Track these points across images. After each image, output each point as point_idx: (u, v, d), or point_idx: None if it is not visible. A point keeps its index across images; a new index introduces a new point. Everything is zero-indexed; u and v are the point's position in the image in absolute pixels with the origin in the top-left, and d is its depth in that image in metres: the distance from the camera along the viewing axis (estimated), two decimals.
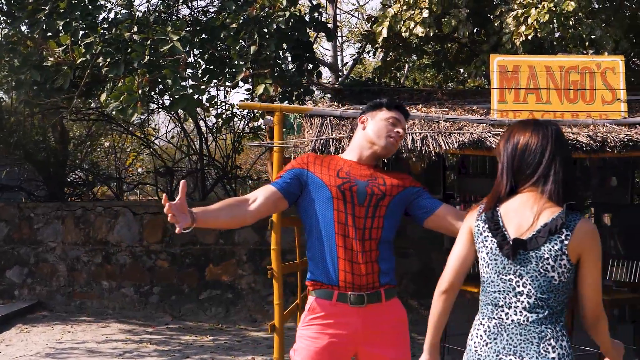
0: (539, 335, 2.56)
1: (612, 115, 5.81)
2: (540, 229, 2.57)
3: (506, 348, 2.58)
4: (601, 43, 6.33)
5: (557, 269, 2.56)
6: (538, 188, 2.63)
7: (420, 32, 6.48)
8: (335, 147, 5.53)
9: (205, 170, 11.61)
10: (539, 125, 2.71)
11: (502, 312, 2.63)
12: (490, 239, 2.67)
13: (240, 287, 10.06)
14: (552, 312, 2.59)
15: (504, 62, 6.01)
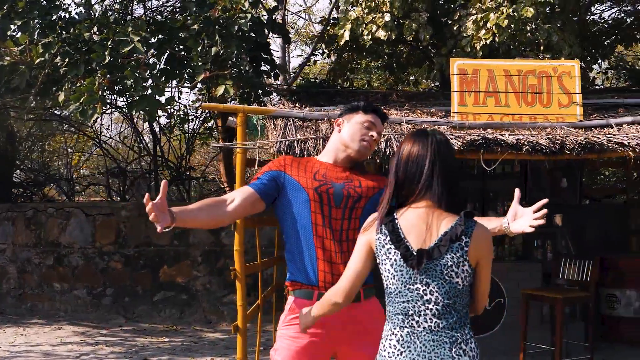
0: (450, 340, 2.64)
1: (568, 119, 6.00)
2: (441, 238, 2.65)
3: (421, 355, 2.64)
4: (557, 48, 6.53)
5: (460, 275, 2.65)
6: (430, 198, 2.70)
7: (382, 35, 6.58)
8: (300, 149, 5.59)
9: (158, 172, 11.53)
10: (420, 136, 2.80)
11: (413, 321, 2.68)
12: (393, 251, 2.70)
13: (195, 288, 10.03)
14: (460, 317, 2.67)
15: (464, 66, 6.16)
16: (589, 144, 5.35)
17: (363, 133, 3.55)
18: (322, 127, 5.86)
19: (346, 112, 3.71)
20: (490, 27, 6.37)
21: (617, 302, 8.46)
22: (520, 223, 3.01)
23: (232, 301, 9.96)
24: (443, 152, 2.75)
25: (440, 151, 2.74)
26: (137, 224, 10.12)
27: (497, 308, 8.01)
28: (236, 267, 6.16)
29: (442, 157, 2.72)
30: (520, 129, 5.81)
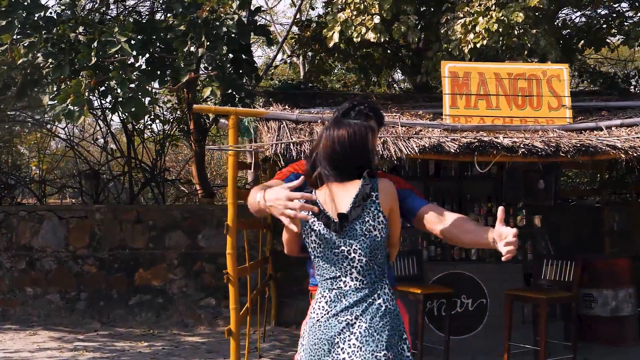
0: (370, 291, 2.94)
1: (558, 121, 6.08)
2: (354, 200, 2.95)
3: (344, 310, 2.92)
4: (544, 52, 6.61)
5: (377, 227, 2.95)
6: (339, 174, 3.01)
7: (372, 37, 6.59)
8: (296, 151, 5.56)
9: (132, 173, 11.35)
10: (331, 124, 3.12)
11: (341, 282, 2.96)
12: (317, 223, 2.98)
13: (172, 291, 9.90)
14: (381, 270, 2.99)
15: (455, 69, 6.20)
16: (584, 147, 5.43)
17: None
18: (316, 129, 5.85)
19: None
20: (480, 31, 6.42)
21: (594, 301, 8.60)
22: (501, 249, 3.03)
23: (209, 304, 9.89)
24: (328, 136, 3.04)
25: (326, 136, 3.05)
26: (111, 227, 9.96)
27: (479, 309, 8.08)
28: (229, 270, 6.11)
29: (327, 141, 3.03)
30: (513, 131, 5.87)
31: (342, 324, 2.93)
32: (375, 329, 2.89)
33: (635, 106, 7.14)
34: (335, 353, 2.91)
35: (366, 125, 3.13)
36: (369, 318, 2.91)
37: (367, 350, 2.86)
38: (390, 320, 2.94)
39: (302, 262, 9.15)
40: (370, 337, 2.89)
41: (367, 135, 3.07)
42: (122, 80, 6.37)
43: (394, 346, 2.92)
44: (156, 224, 9.94)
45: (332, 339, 2.93)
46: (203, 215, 9.98)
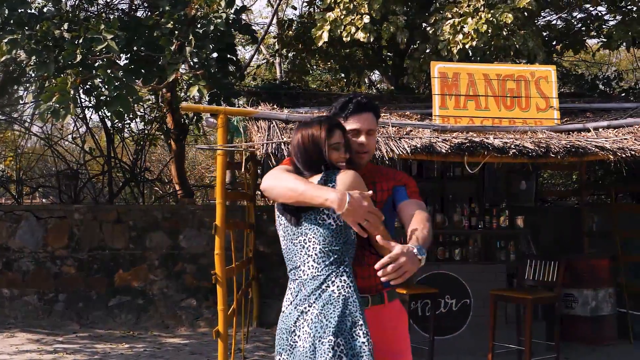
0: (325, 278, 3.03)
1: (546, 122, 6.12)
2: None
3: (302, 299, 3.03)
4: (533, 54, 6.66)
5: (331, 216, 3.04)
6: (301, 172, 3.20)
7: (362, 37, 6.57)
8: (287, 151, 5.52)
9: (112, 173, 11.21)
10: (299, 127, 3.32)
11: (300, 271, 3.08)
12: (281, 218, 3.19)
13: (152, 292, 9.80)
14: (337, 257, 3.06)
15: (445, 69, 6.21)
16: (574, 148, 5.46)
17: (352, 144, 3.39)
18: None
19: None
20: (469, 32, 6.44)
21: (574, 301, 8.68)
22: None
23: (190, 305, 9.81)
24: (295, 136, 3.26)
25: (295, 136, 3.27)
26: (91, 227, 9.83)
27: (463, 309, 8.11)
28: (217, 270, 6.07)
29: (294, 138, 3.25)
30: (503, 132, 5.89)
31: (298, 313, 3.04)
32: (324, 315, 2.97)
33: (618, 108, 7.22)
34: (292, 341, 3.03)
35: (321, 122, 3.24)
36: (321, 305, 2.99)
37: (315, 336, 2.95)
38: (342, 307, 2.98)
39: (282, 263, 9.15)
40: (319, 323, 2.96)
41: (320, 133, 3.17)
42: (108, 79, 6.29)
43: (344, 332, 2.95)
44: (136, 224, 9.84)
45: (290, 328, 3.05)
46: (184, 216, 9.90)
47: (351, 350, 2.95)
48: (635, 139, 5.62)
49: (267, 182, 3.27)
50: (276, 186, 3.21)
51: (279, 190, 3.20)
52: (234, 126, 5.94)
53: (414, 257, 2.96)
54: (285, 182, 3.18)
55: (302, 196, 3.09)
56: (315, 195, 3.05)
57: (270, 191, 3.25)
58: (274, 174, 3.29)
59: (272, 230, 9.82)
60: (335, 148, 3.20)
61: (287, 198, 3.15)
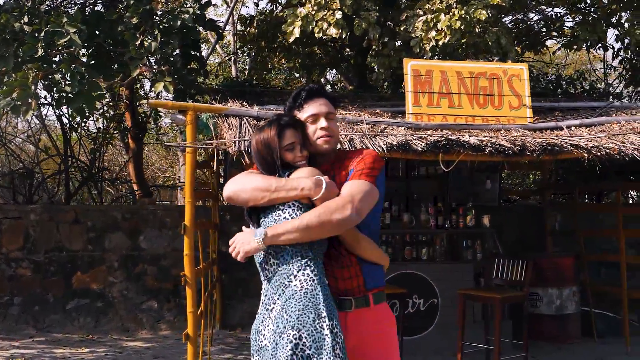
0: (287, 273, 3.00)
1: (519, 121, 6.09)
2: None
3: (268, 296, 3.02)
4: (505, 51, 6.63)
5: (286, 210, 3.05)
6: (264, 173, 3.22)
7: (334, 33, 6.46)
8: None
9: (68, 172, 10.87)
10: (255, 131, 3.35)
11: (266, 270, 3.08)
12: (250, 223, 3.20)
13: (111, 295, 9.53)
14: (299, 251, 3.02)
15: (418, 66, 6.13)
16: (549, 146, 5.43)
17: (312, 131, 3.31)
18: None
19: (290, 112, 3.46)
20: (442, 28, 6.38)
21: (539, 300, 8.71)
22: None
23: (151, 308, 9.58)
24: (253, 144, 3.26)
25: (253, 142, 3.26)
26: (47, 228, 9.52)
27: (431, 309, 8.07)
28: (186, 272, 5.87)
29: (256, 147, 3.23)
30: (476, 130, 5.84)
31: (264, 310, 3.03)
32: (285, 310, 2.93)
33: (586, 106, 7.26)
34: (260, 341, 3.00)
35: (271, 124, 3.22)
36: (284, 300, 2.96)
37: (276, 332, 2.91)
38: (304, 300, 2.94)
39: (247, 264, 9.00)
40: (280, 319, 2.92)
41: (271, 138, 3.16)
42: (71, 74, 6.06)
43: (306, 325, 2.89)
44: (95, 225, 9.56)
45: (258, 328, 3.03)
46: (145, 216, 9.66)
47: (315, 343, 2.88)
48: (609, 137, 5.62)
49: (232, 189, 3.21)
50: (243, 190, 3.16)
51: (248, 193, 3.14)
52: (204, 123, 5.77)
53: (247, 239, 3.10)
54: (255, 184, 3.14)
55: (275, 193, 3.08)
56: (290, 188, 3.07)
57: (236, 197, 3.20)
58: (238, 180, 3.24)
59: (235, 230, 9.62)
60: (289, 149, 3.17)
61: (260, 199, 3.11)
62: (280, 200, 3.09)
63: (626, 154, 5.47)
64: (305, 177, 3.08)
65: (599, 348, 8.48)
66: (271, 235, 3.04)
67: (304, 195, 3.05)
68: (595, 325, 9.01)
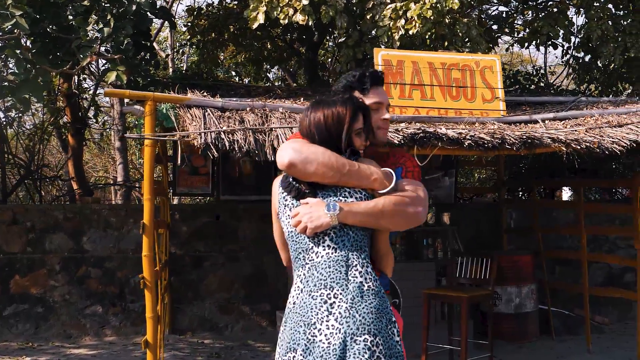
0: (346, 264, 2.70)
1: (492, 114, 5.90)
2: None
3: (317, 284, 2.68)
4: (476, 42, 6.44)
5: (354, 195, 2.77)
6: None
7: (300, 19, 6.15)
8: (229, 141, 5.04)
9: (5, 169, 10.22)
10: (307, 107, 2.98)
11: (313, 253, 2.74)
12: (289, 198, 2.81)
13: (53, 299, 8.97)
14: (356, 239, 2.75)
15: (388, 57, 5.88)
16: (529, 139, 5.24)
17: (374, 120, 3.10)
18: (247, 118, 5.34)
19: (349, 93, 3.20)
20: (412, 17, 6.14)
21: (498, 299, 8.58)
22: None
23: (95, 313, 9.06)
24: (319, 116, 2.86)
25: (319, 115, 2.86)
26: None
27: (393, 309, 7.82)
28: (145, 274, 5.47)
29: (324, 121, 2.83)
30: (451, 123, 5.62)
31: (317, 301, 2.67)
32: (356, 310, 2.63)
33: (553, 101, 7.14)
34: (311, 335, 2.64)
35: (346, 103, 2.86)
36: (350, 297, 2.65)
37: (347, 333, 2.60)
38: (375, 301, 2.69)
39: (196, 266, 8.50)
40: (350, 319, 2.62)
41: (345, 115, 2.83)
42: (17, 60, 5.58)
43: (381, 331, 2.66)
44: (35, 226, 8.98)
45: (309, 319, 2.66)
46: (88, 216, 9.13)
47: (389, 350, 2.66)
48: (586, 131, 5.47)
49: (298, 157, 2.76)
50: (314, 162, 2.75)
51: (318, 168, 2.75)
52: (164, 114, 5.39)
53: (317, 210, 2.73)
54: (328, 159, 2.75)
55: (347, 176, 2.76)
56: (363, 174, 2.78)
57: (302, 167, 2.75)
58: (302, 148, 2.81)
59: (185, 231, 9.24)
60: (358, 134, 2.85)
61: (328, 177, 2.76)
62: (349, 184, 2.78)
63: (605, 147, 5.33)
64: (375, 167, 2.80)
65: (558, 346, 8.41)
66: (346, 211, 2.73)
67: (373, 185, 2.79)
68: (553, 323, 8.94)
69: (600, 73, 9.72)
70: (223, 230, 9.31)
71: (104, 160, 22.82)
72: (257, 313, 9.37)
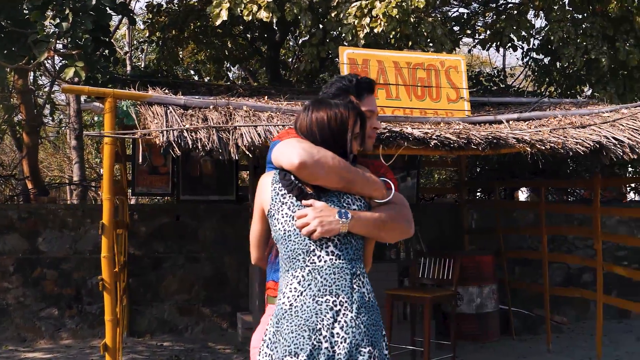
0: (350, 272, 2.64)
1: (457, 114, 5.88)
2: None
3: (321, 290, 2.60)
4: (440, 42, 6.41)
5: (356, 203, 2.72)
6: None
7: (264, 16, 6.05)
8: (192, 139, 4.93)
9: None
10: (306, 106, 2.90)
11: (315, 257, 2.65)
12: (288, 196, 2.70)
13: (6, 302, 8.72)
14: (357, 248, 2.70)
15: (354, 55, 5.81)
16: (495, 139, 5.23)
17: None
18: (211, 116, 5.24)
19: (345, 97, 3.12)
20: (377, 15, 6.09)
21: (459, 299, 8.58)
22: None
23: (51, 315, 8.84)
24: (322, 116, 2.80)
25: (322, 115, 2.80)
26: None
27: None
28: (104, 276, 5.32)
29: (327, 121, 2.77)
30: (416, 123, 5.58)
31: (322, 306, 2.59)
32: (361, 320, 2.60)
33: (516, 102, 7.16)
34: (317, 341, 2.56)
35: (349, 106, 2.81)
36: (356, 307, 2.60)
37: (352, 343, 2.56)
38: (374, 313, 2.67)
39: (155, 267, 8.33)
40: (356, 329, 2.58)
41: (349, 118, 2.77)
42: None
43: (379, 343, 2.64)
44: None
45: (314, 324, 2.57)
46: (44, 216, 8.90)
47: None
48: (550, 132, 5.48)
49: (310, 158, 2.64)
50: (325, 165, 2.65)
51: (328, 172, 2.66)
52: (124, 112, 5.25)
53: (328, 216, 2.65)
54: (337, 164, 2.67)
55: (351, 183, 2.70)
56: (366, 182, 2.74)
57: (312, 169, 2.65)
58: (311, 150, 2.68)
59: (144, 231, 9.07)
60: (355, 138, 2.81)
61: (334, 183, 2.69)
62: (351, 191, 2.72)
63: (570, 148, 5.34)
64: (375, 176, 2.77)
65: (519, 346, 8.45)
66: (355, 219, 2.68)
67: (374, 194, 2.76)
68: (513, 323, 8.98)
69: (560, 75, 9.80)
70: (183, 231, 9.16)
71: (59, 159, 22.40)
72: (217, 315, 9.24)
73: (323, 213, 2.64)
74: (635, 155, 5.35)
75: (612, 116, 5.82)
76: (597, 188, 7.22)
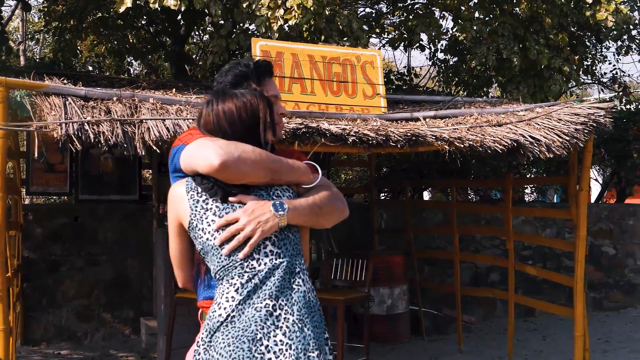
0: (290, 270, 2.44)
1: (373, 110, 5.72)
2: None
3: (260, 295, 2.37)
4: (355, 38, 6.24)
5: (285, 194, 2.52)
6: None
7: (172, 4, 5.72)
8: (93, 133, 4.56)
9: None
10: (208, 100, 2.66)
11: (253, 261, 2.41)
12: (211, 201, 2.44)
13: None
14: (296, 244, 2.50)
15: (267, 47, 5.57)
16: (414, 137, 5.08)
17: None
18: (114, 108, 4.87)
19: (234, 87, 2.84)
20: (291, 7, 5.86)
21: (370, 300, 8.46)
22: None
23: None
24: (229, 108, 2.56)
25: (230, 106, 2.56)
26: None
27: None
28: None
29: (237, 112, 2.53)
30: (332, 119, 5.38)
31: (261, 312, 2.33)
32: (304, 323, 2.36)
33: (429, 100, 7.07)
34: (259, 352, 2.30)
35: (256, 94, 2.58)
36: (296, 309, 2.37)
37: (299, 349, 2.32)
38: (317, 314, 2.44)
39: (51, 271, 7.76)
40: (299, 333, 2.34)
41: (259, 106, 2.54)
42: None
43: (323, 347, 2.41)
44: None
45: (253, 334, 2.31)
46: None
47: None
48: (467, 129, 5.39)
49: (229, 157, 2.37)
50: (248, 161, 2.40)
51: (252, 168, 2.42)
52: (18, 102, 4.82)
53: (263, 213, 2.41)
54: (258, 157, 2.43)
55: (278, 173, 2.49)
56: (291, 169, 2.53)
57: (235, 168, 2.38)
58: (228, 147, 2.41)
59: (40, 233, 8.53)
60: (268, 127, 2.58)
61: (261, 177, 2.46)
62: (279, 181, 2.51)
63: (488, 146, 5.26)
64: (299, 161, 2.58)
65: (430, 346, 8.42)
66: (292, 210, 2.46)
67: (301, 180, 2.56)
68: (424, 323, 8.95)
69: (469, 76, 9.85)
70: (82, 232, 8.67)
71: None
72: (119, 320, 8.79)
73: (256, 212, 2.40)
74: (551, 154, 5.32)
75: (528, 115, 5.79)
76: (509, 188, 7.24)
